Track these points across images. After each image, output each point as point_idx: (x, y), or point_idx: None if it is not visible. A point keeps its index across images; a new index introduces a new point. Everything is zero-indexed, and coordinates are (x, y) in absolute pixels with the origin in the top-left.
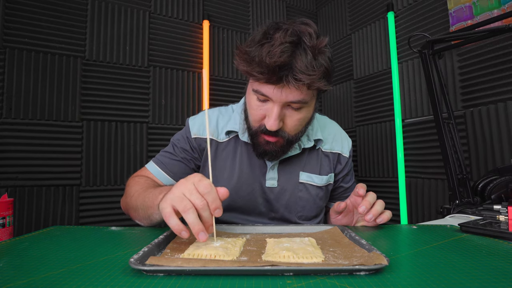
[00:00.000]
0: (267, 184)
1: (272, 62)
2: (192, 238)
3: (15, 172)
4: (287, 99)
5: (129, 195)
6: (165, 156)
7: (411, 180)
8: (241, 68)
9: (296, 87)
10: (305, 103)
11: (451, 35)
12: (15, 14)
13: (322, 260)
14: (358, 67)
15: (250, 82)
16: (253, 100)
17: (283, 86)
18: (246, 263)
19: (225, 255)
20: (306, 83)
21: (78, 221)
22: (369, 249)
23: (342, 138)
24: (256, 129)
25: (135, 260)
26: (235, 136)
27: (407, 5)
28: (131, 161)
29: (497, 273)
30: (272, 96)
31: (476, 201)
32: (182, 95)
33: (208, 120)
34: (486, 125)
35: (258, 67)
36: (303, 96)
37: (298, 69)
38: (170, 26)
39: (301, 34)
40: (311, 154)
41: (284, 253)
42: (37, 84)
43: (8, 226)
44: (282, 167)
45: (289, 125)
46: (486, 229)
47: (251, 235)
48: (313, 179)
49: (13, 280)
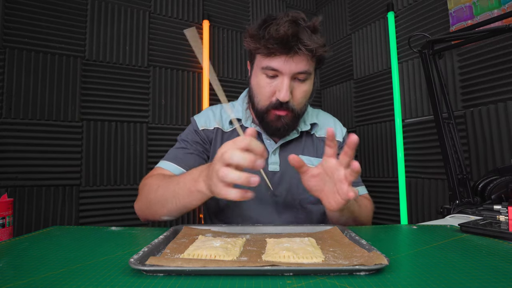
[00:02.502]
0: (269, 168)
1: (283, 34)
2: (192, 238)
3: (15, 172)
4: (296, 69)
5: (152, 191)
6: (178, 152)
7: (411, 180)
8: (253, 46)
9: (305, 54)
10: (309, 74)
11: (451, 35)
12: (15, 14)
13: (322, 260)
14: (358, 67)
15: (256, 64)
16: (262, 79)
17: (293, 56)
18: (246, 263)
19: (225, 255)
20: (314, 48)
21: (78, 221)
22: (369, 249)
23: (336, 125)
24: (267, 106)
25: (135, 260)
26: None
27: (407, 5)
28: (131, 161)
29: (497, 273)
30: (283, 69)
31: (476, 201)
32: (182, 95)
33: (212, 113)
34: (486, 125)
35: (270, 40)
36: (308, 66)
37: (304, 39)
38: (170, 26)
39: (296, 18)
40: (308, 139)
41: (284, 253)
42: (37, 84)
43: (8, 226)
44: (282, 152)
45: (297, 97)
46: (486, 229)
47: (251, 235)
48: (312, 162)
49: (13, 280)
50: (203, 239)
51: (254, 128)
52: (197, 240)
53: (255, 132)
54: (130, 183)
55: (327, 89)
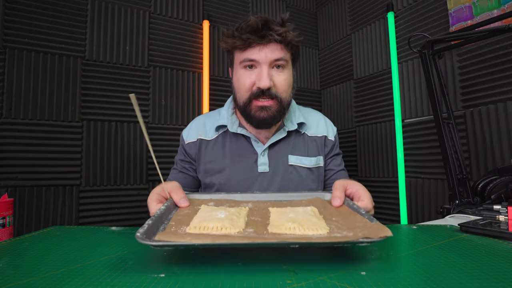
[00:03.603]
0: (259, 169)
1: (254, 23)
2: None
3: (15, 172)
4: (272, 56)
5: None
6: (171, 173)
7: (411, 180)
8: (230, 42)
9: (278, 42)
10: (286, 62)
11: (451, 35)
12: (15, 14)
13: (327, 232)
14: (358, 67)
15: (235, 62)
16: (242, 73)
17: (267, 44)
18: (254, 239)
19: (231, 226)
20: (285, 34)
21: (78, 221)
22: (370, 218)
23: (327, 123)
24: (249, 96)
25: (142, 234)
26: (223, 132)
27: (407, 5)
28: (131, 161)
29: (497, 273)
30: (259, 58)
31: (476, 201)
32: (182, 95)
33: (194, 124)
34: (486, 125)
35: (244, 31)
36: (283, 53)
37: (274, 27)
38: (170, 26)
39: (265, 16)
40: (298, 139)
41: (290, 224)
42: (37, 84)
43: (8, 226)
44: (271, 152)
45: (278, 84)
46: (486, 229)
47: (253, 203)
48: (302, 161)
49: (13, 280)
50: (206, 209)
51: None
52: (200, 210)
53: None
54: (130, 183)
55: (327, 89)
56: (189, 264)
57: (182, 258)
